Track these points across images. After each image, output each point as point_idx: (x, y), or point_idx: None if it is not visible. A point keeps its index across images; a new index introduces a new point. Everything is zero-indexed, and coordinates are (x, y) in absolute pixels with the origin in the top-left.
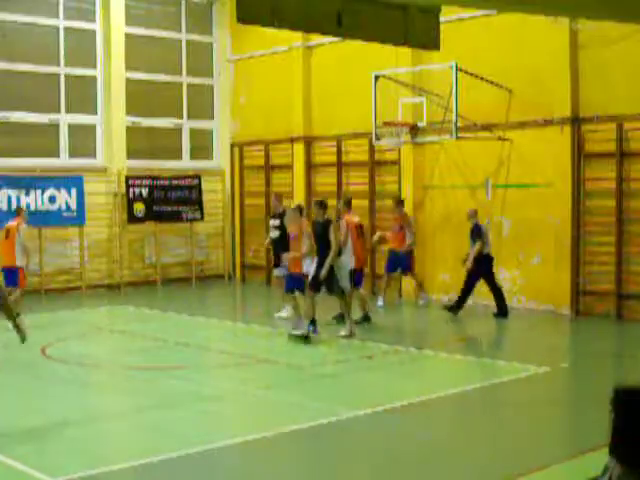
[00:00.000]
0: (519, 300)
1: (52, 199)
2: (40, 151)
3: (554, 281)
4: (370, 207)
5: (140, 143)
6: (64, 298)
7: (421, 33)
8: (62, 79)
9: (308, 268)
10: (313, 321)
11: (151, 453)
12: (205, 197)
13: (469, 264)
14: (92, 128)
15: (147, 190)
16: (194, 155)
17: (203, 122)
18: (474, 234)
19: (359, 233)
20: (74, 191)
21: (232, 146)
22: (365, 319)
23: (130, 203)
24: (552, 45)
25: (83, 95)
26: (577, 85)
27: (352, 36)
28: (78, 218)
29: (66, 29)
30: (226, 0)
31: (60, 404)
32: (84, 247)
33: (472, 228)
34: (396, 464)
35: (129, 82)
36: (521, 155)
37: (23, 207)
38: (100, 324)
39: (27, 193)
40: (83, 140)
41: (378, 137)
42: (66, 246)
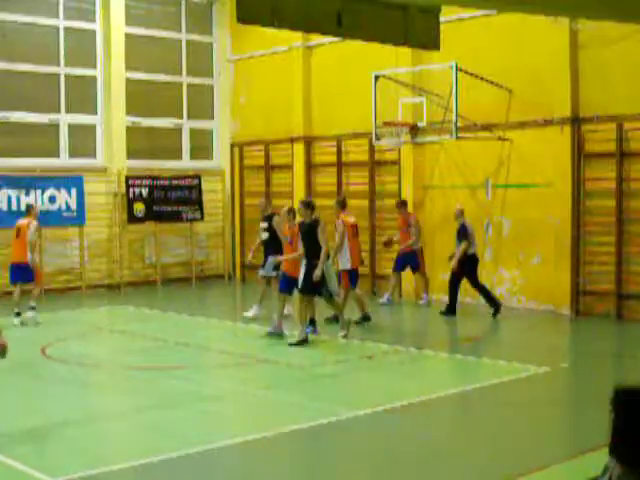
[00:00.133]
0: (519, 300)
1: (52, 199)
2: (40, 151)
3: (554, 281)
4: (370, 207)
5: (140, 143)
6: (64, 298)
7: (421, 33)
8: (62, 79)
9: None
10: (313, 321)
11: (151, 453)
12: (205, 197)
13: (454, 263)
14: (92, 128)
15: (147, 190)
16: (194, 155)
17: (203, 122)
18: (460, 234)
19: (354, 233)
20: (74, 191)
21: (232, 146)
22: (365, 319)
23: (130, 203)
24: (552, 45)
25: (83, 95)
26: (577, 85)
27: (352, 36)
28: (78, 218)
29: (66, 29)
30: (226, 0)
31: (60, 404)
32: (84, 247)
33: (459, 228)
34: (396, 464)
35: (129, 82)
36: (521, 155)
37: (34, 205)
38: (100, 324)
39: (27, 193)
40: (83, 140)
41: (378, 137)
42: (66, 246)
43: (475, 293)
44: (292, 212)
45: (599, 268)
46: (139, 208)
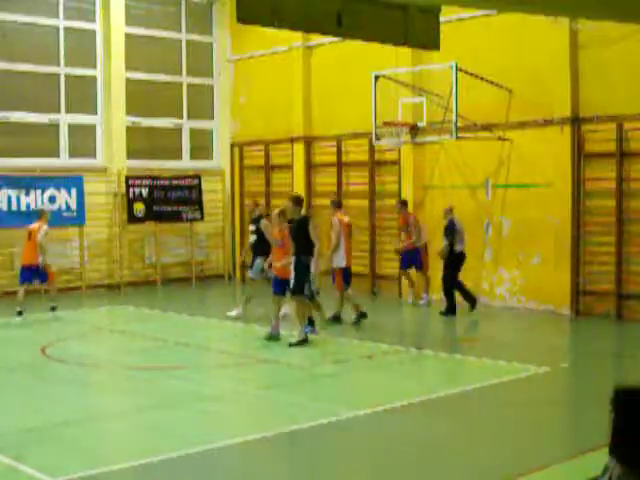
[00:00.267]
0: (519, 300)
1: (52, 199)
2: (40, 151)
3: (554, 281)
4: (370, 207)
5: (140, 143)
6: (64, 298)
7: (421, 33)
8: (62, 79)
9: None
10: (311, 321)
11: (151, 453)
12: (205, 197)
13: (441, 253)
14: (92, 128)
15: (147, 190)
16: (194, 155)
17: (203, 122)
18: (447, 231)
19: (349, 233)
20: (74, 191)
21: (232, 146)
22: (361, 316)
23: (130, 203)
24: (552, 45)
25: (83, 95)
26: (577, 85)
27: (352, 36)
28: (78, 218)
29: (66, 29)
30: (226, 0)
31: (60, 404)
32: (84, 247)
33: (446, 225)
34: (396, 464)
35: (129, 82)
36: (521, 155)
37: (45, 210)
38: (100, 324)
39: (27, 193)
40: (83, 140)
41: (378, 137)
42: (66, 246)
43: (475, 293)
44: (283, 214)
45: (599, 268)
46: (139, 208)
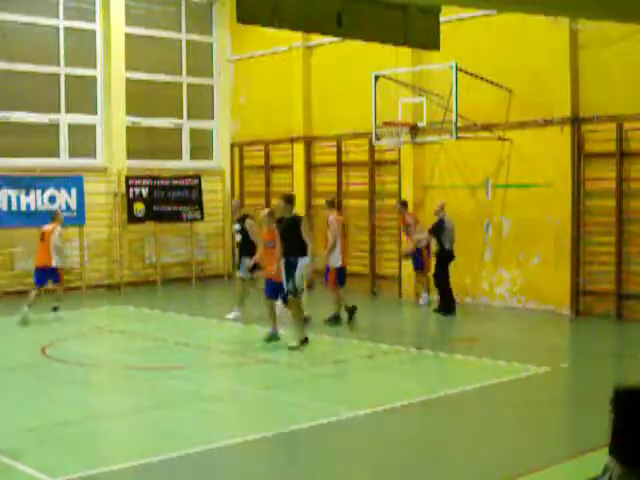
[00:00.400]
0: (519, 300)
1: (52, 199)
2: (40, 151)
3: (554, 281)
4: (370, 207)
5: (140, 143)
6: (64, 298)
7: (421, 33)
8: (62, 79)
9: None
10: (306, 320)
11: (151, 453)
12: (205, 197)
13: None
14: (92, 128)
15: (147, 190)
16: (194, 155)
17: (203, 122)
18: (433, 229)
19: (343, 232)
20: (74, 191)
21: (232, 146)
22: (352, 311)
23: (130, 203)
24: (552, 45)
25: (83, 95)
26: (577, 85)
27: (352, 36)
28: (78, 218)
29: (66, 29)
30: (226, 0)
31: (60, 404)
32: (84, 247)
33: (436, 222)
34: (396, 464)
35: (129, 82)
36: (521, 155)
37: (59, 212)
38: (100, 324)
39: (27, 193)
40: (83, 140)
41: (378, 137)
42: (66, 246)
43: (475, 293)
44: (272, 214)
45: (599, 268)
46: (139, 208)
